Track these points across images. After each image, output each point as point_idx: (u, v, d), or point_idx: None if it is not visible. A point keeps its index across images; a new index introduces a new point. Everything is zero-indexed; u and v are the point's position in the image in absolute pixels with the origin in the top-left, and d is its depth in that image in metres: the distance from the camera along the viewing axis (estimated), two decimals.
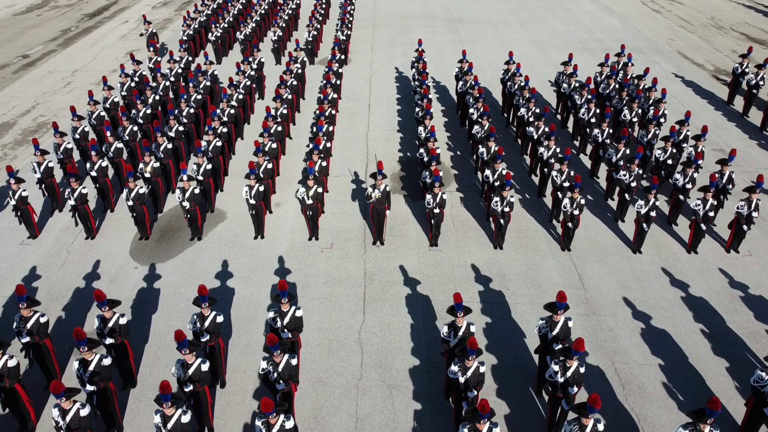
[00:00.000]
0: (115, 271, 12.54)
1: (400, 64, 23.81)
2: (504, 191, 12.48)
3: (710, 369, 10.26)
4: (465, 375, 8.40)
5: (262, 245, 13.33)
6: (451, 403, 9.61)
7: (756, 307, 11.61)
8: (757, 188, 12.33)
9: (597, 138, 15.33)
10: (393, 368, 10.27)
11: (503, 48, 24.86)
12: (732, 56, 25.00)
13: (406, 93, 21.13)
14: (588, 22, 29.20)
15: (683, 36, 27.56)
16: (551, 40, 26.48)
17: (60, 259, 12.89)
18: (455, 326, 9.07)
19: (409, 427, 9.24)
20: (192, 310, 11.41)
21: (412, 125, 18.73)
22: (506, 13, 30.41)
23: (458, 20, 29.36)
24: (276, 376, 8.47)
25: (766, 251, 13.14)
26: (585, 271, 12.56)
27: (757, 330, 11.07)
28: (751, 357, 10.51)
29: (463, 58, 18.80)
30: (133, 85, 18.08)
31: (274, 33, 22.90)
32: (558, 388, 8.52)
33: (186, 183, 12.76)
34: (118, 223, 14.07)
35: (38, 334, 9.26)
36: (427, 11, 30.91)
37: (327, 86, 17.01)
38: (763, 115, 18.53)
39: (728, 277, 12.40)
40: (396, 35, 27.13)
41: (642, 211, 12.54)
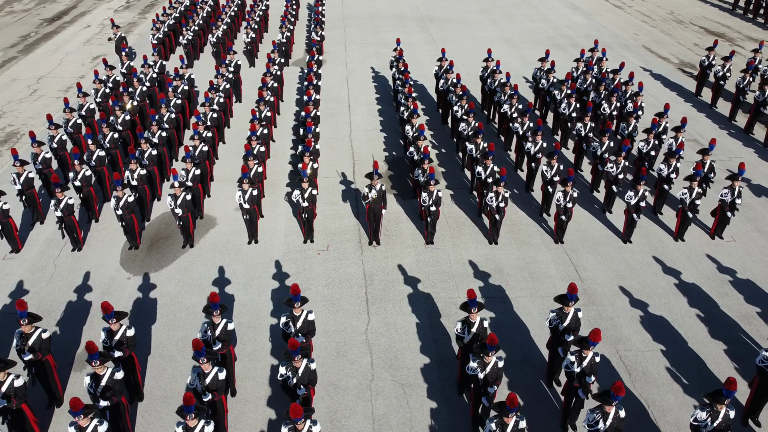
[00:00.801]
0: (107, 283, 12.18)
1: (375, 63, 23.80)
2: (499, 187, 12.62)
3: (709, 352, 10.60)
4: (484, 371, 8.46)
5: (257, 250, 13.15)
6: (465, 399, 9.68)
7: (745, 290, 12.04)
8: (739, 176, 12.77)
9: (580, 132, 15.65)
10: (404, 367, 10.27)
11: (476, 46, 25.12)
12: (694, 49, 25.84)
13: (384, 93, 21.14)
14: (555, 18, 29.75)
15: (646, 31, 28.34)
16: (522, 37, 26.88)
17: (47, 273, 12.45)
18: (469, 322, 9.13)
19: (427, 425, 9.26)
20: (192, 318, 11.21)
21: (394, 125, 18.76)
22: (476, 12, 30.72)
23: (428, 19, 29.52)
24: (296, 381, 8.37)
25: (747, 236, 13.63)
26: (580, 262, 12.81)
27: (748, 312, 11.48)
28: (746, 339, 10.90)
29: (442, 57, 18.93)
30: (108, 91, 17.59)
31: (247, 35, 22.60)
32: (574, 378, 8.66)
33: (177, 189, 12.49)
34: (105, 234, 13.68)
35: (41, 350, 8.94)
36: (396, 11, 30.98)
37: (310, 87, 16.88)
38: (731, 105, 19.21)
39: (716, 263, 12.83)
40: (368, 35, 27.11)
41: (632, 202, 12.86)
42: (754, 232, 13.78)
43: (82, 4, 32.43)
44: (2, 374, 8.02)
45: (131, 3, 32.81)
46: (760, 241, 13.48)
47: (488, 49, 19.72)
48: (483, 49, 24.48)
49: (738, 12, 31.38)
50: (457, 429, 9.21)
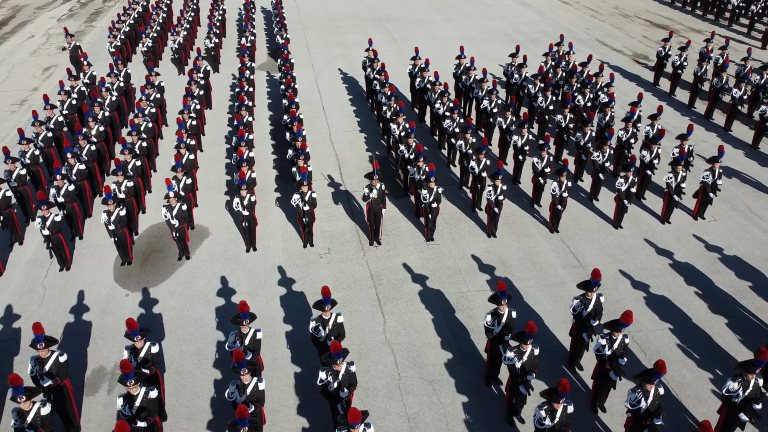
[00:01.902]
0: (105, 301, 11.63)
1: (342, 65, 23.69)
2: (496, 180, 12.81)
3: (713, 327, 11.10)
4: (521, 360, 8.57)
5: (257, 258, 12.86)
6: (494, 391, 9.77)
7: (734, 266, 12.68)
8: (719, 158, 13.43)
9: (560, 124, 16.07)
10: (428, 364, 10.28)
11: (437, 45, 25.37)
12: (644, 41, 27.00)
13: (356, 93, 21.07)
14: (509, 16, 30.44)
15: (596, 25, 29.40)
16: (481, 34, 27.36)
17: (37, 296, 11.77)
18: (498, 314, 9.22)
19: (462, 420, 9.30)
20: (202, 331, 10.87)
21: (372, 125, 18.74)
22: (431, 11, 31.04)
23: (386, 19, 29.62)
24: (337, 385, 8.24)
25: (726, 215, 14.35)
26: (577, 249, 13.16)
27: (741, 287, 12.09)
28: (744, 312, 11.47)
29: (416, 55, 19.06)
30: (75, 102, 16.80)
31: (210, 40, 22.05)
32: (605, 360, 8.89)
33: (173, 200, 12.07)
34: (92, 251, 13.06)
35: (59, 375, 8.45)
36: (352, 12, 30.93)
37: (289, 90, 16.64)
38: (690, 93, 20.19)
39: (703, 242, 13.45)
40: (329, 36, 26.95)
41: (623, 189, 13.31)
42: (731, 211, 14.51)
43: (21, 14, 30.82)
44: (28, 403, 7.54)
45: (74, 11, 31.44)
46: (739, 219, 14.22)
47: (461, 46, 19.97)
48: (444, 47, 24.86)
49: (677, 5, 33.00)
50: (492, 420, 9.29)
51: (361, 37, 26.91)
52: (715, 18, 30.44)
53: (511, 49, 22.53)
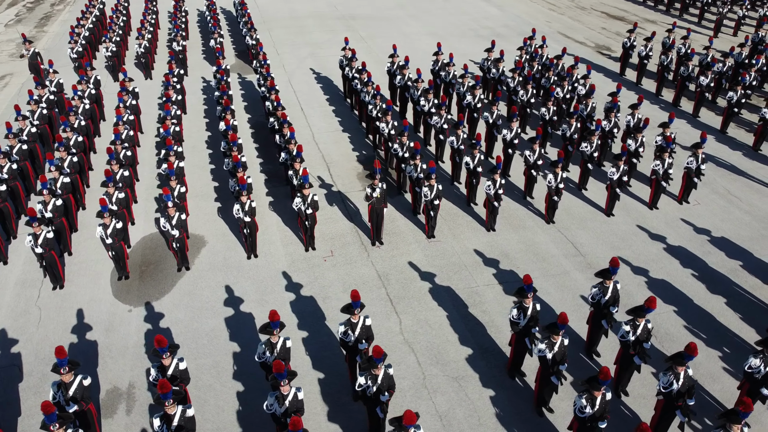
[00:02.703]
0: (108, 319, 11.18)
1: (313, 65, 23.45)
2: (495, 174, 12.95)
3: (714, 306, 11.55)
4: (552, 351, 8.71)
5: (260, 264, 12.61)
6: (519, 383, 9.90)
7: (724, 247, 13.23)
8: (702, 144, 13.97)
9: (545, 116, 16.37)
10: (450, 361, 10.32)
11: (406, 41, 25.37)
12: (603, 33, 27.78)
13: (333, 93, 20.90)
14: (472, 11, 30.77)
15: (556, 18, 30.07)
16: (447, 30, 27.56)
17: (32, 318, 11.21)
18: (523, 307, 9.34)
19: (493, 413, 9.39)
20: (215, 343, 10.59)
21: (354, 124, 18.64)
22: (394, 8, 31.07)
23: (350, 17, 29.46)
24: (376, 389, 8.18)
25: (708, 199, 14.95)
26: (575, 239, 13.45)
27: (733, 267, 12.63)
28: (739, 290, 11.99)
29: (394, 53, 19.04)
30: (45, 112, 16.05)
31: (178, 43, 21.43)
32: (629, 346, 9.14)
33: (171, 210, 11.70)
34: (84, 267, 12.52)
35: (84, 399, 8.08)
36: (315, 11, 30.63)
37: (273, 92, 16.36)
38: (657, 82, 20.91)
39: (691, 225, 13.97)
40: (296, 37, 26.61)
41: (614, 178, 13.67)
42: (712, 194, 15.12)
43: None
44: (60, 431, 7.17)
45: (22, 16, 29.99)
46: (720, 202, 14.84)
47: (438, 42, 20.05)
48: (413, 44, 24.91)
49: None
50: (522, 412, 9.41)
51: (328, 36, 26.71)
52: (666, 9, 31.59)
53: (477, 43, 22.82)
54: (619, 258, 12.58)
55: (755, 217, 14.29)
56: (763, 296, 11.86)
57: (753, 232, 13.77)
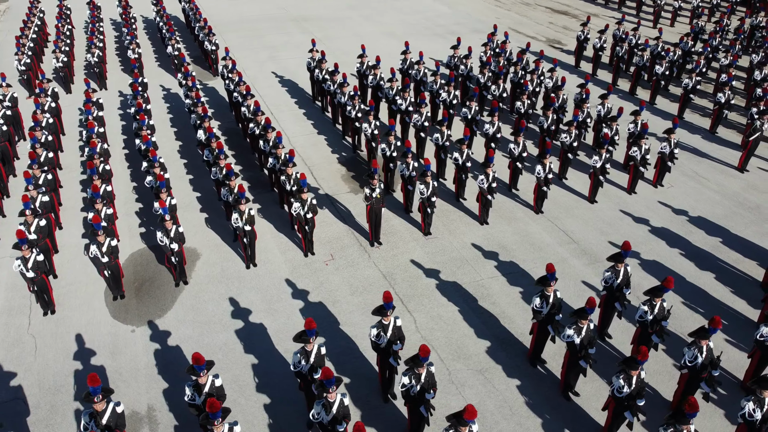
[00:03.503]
0: (111, 341, 10.65)
1: (274, 68, 23.07)
2: (488, 168, 13.17)
3: (705, 283, 12.18)
4: (580, 335, 8.96)
5: (261, 273, 12.34)
6: (540, 369, 10.12)
7: (702, 225, 13.96)
8: (674, 129, 14.68)
9: (520, 110, 16.77)
10: (471, 355, 10.43)
11: (364, 42, 25.26)
12: (552, 27, 28.69)
13: (300, 96, 20.65)
14: (423, 10, 31.08)
15: (504, 14, 30.80)
16: (401, 29, 27.72)
17: (27, 347, 10.54)
18: (545, 295, 9.55)
19: (522, 402, 9.56)
20: (231, 356, 10.32)
21: (328, 126, 18.49)
22: (344, 9, 30.97)
23: (302, 19, 29.16)
24: (420, 388, 8.18)
25: (679, 181, 15.72)
26: (565, 227, 13.86)
27: (715, 244, 13.35)
28: (724, 265, 12.69)
29: (363, 53, 19.01)
30: (5, 128, 15.11)
31: (133, 51, 20.62)
32: (647, 326, 9.51)
33: (168, 222, 11.27)
34: (73, 289, 11.89)
35: (118, 427, 7.69)
36: (265, 13, 30.13)
37: (249, 97, 16.02)
38: (612, 73, 21.79)
39: (669, 207, 14.66)
40: (251, 40, 26.09)
41: (597, 165, 14.18)
42: (682, 177, 15.92)
43: None
44: None
45: None
46: (691, 184, 15.64)
47: (406, 41, 20.12)
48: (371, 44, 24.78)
49: None
50: (550, 398, 9.63)
51: (284, 38, 26.36)
52: (605, 2, 32.93)
53: (434, 41, 23.01)
54: (609, 243, 13.17)
55: (725, 195, 15.15)
56: (746, 269, 12.59)
57: (725, 209, 14.58)
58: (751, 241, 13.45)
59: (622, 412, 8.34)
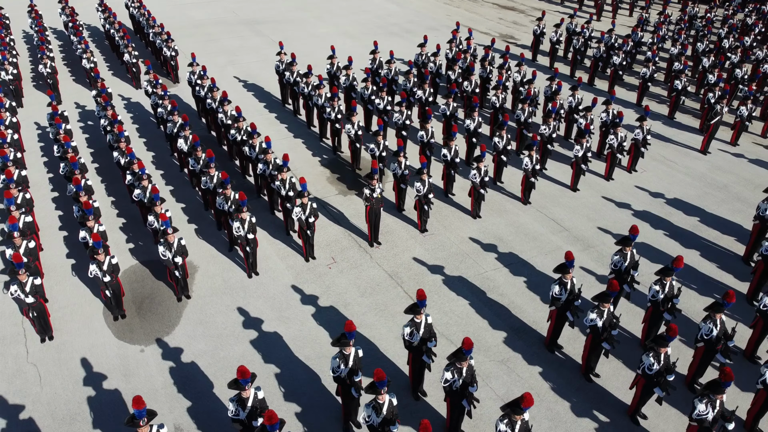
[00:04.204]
0: (120, 363, 10.20)
1: (236, 73, 22.58)
2: (480, 162, 13.41)
3: (693, 260, 12.84)
4: (602, 318, 9.30)
5: (264, 282, 12.11)
6: (558, 354, 10.43)
7: (679, 206, 14.72)
8: (646, 116, 15.38)
9: (495, 104, 17.14)
10: (490, 346, 10.62)
11: (321, 42, 25.11)
12: (502, 23, 29.40)
13: (268, 100, 20.33)
14: (373, 9, 31.16)
15: (454, 11, 31.31)
16: (357, 29, 27.72)
17: (30, 376, 9.95)
18: (564, 282, 9.84)
19: (548, 387, 9.82)
20: (252, 368, 10.04)
21: (302, 129, 18.31)
22: (294, 10, 30.64)
23: (254, 22, 28.66)
24: (462, 381, 8.28)
25: (650, 166, 16.49)
26: (555, 216, 14.29)
27: (694, 223, 14.11)
28: (707, 242, 13.43)
29: (332, 54, 18.93)
30: None
31: (88, 60, 19.71)
32: (659, 304, 9.97)
33: (170, 236, 10.90)
34: (68, 312, 11.30)
35: None
36: (215, 17, 29.42)
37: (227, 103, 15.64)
38: (570, 65, 22.57)
39: (646, 191, 15.37)
40: (206, 45, 25.40)
41: (579, 155, 14.69)
42: (652, 161, 16.70)
43: None
44: None
45: None
46: (661, 167, 16.44)
47: (374, 41, 20.12)
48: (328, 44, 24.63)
49: None
50: (572, 381, 9.94)
51: (239, 42, 25.85)
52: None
53: (391, 40, 23.18)
54: (598, 228, 13.68)
55: (694, 177, 16.02)
56: (726, 245, 13.38)
57: (697, 190, 15.42)
58: (726, 218, 14.28)
59: (651, 389, 8.70)
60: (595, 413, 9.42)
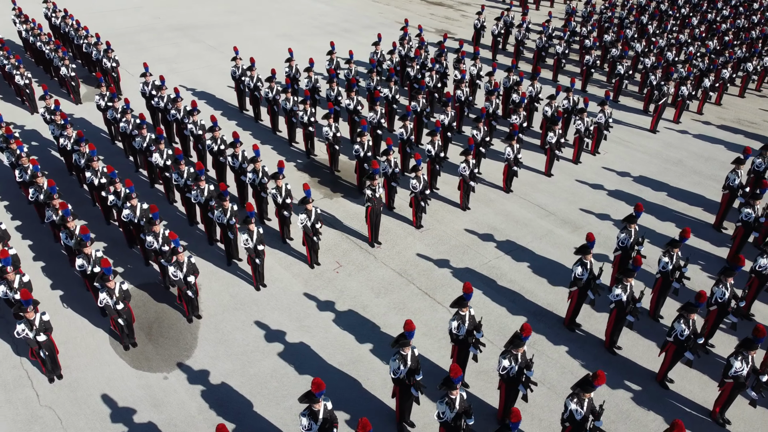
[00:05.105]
0: (146, 393, 9.64)
1: (181, 81, 21.62)
2: (468, 156, 13.72)
3: (673, 232, 13.74)
4: (626, 292, 9.85)
5: (274, 293, 11.81)
6: (578, 332, 10.92)
7: (646, 183, 15.75)
8: (607, 101, 16.31)
9: (461, 98, 17.54)
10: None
11: (261, 46, 24.59)
12: (434, 18, 29.98)
13: (223, 107, 19.68)
14: (305, 10, 30.81)
15: (384, 9, 31.57)
16: (295, 30, 27.34)
17: (48, 422, 9.18)
18: (584, 263, 10.31)
19: (578, 365, 10.27)
20: (287, 379, 9.82)
21: (267, 133, 17.91)
22: (225, 14, 29.74)
23: (185, 28, 27.55)
24: (518, 368, 8.51)
25: (609, 147, 17.47)
26: (537, 201, 14.87)
27: (663, 197, 15.14)
28: (678, 214, 14.44)
29: (290, 57, 18.65)
30: None
31: (22, 76, 18.25)
32: (669, 275, 10.67)
33: (181, 255, 10.40)
34: (71, 346, 10.49)
35: None
36: (140, 24, 27.98)
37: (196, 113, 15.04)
38: (513, 57, 23.43)
39: (613, 171, 16.30)
40: (140, 54, 24.10)
41: (553, 141, 15.36)
42: (610, 143, 17.69)
43: None
44: None
45: None
46: (620, 148, 17.49)
47: (331, 42, 19.95)
48: (269, 47, 24.24)
49: None
50: (599, 355, 10.45)
51: (174, 49, 24.81)
52: None
53: (329, 40, 23.01)
54: (581, 210, 14.38)
55: (651, 155, 17.16)
56: (696, 215, 14.47)
57: (657, 167, 16.54)
58: (689, 190, 15.43)
59: (682, 353, 9.32)
60: (626, 383, 9.96)
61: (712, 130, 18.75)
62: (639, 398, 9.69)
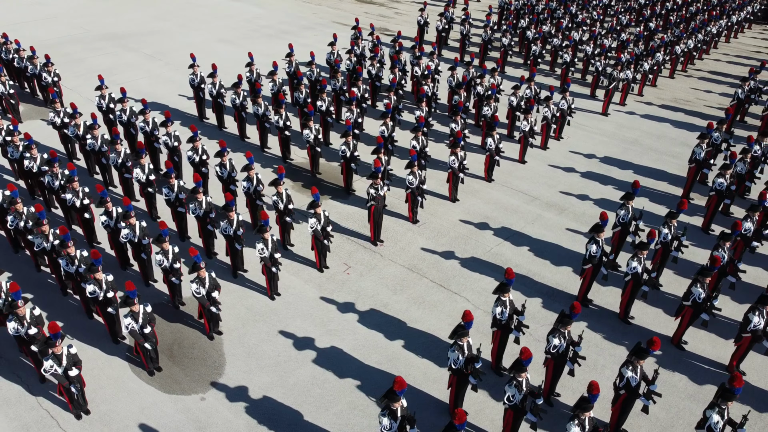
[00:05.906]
0: (187, 417, 9.24)
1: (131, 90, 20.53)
2: (457, 148, 14.06)
3: (649, 207, 14.70)
4: (641, 264, 10.50)
5: (291, 300, 11.62)
6: (592, 307, 11.52)
7: (613, 163, 16.72)
8: (567, 88, 17.14)
9: (428, 93, 17.87)
10: (534, 313, 11.36)
11: (203, 51, 23.65)
12: (370, 17, 30.14)
13: (180, 116, 18.88)
14: (237, 13, 30.05)
15: (317, 9, 31.38)
16: (231, 34, 26.65)
17: None
18: (597, 241, 10.88)
19: (601, 337, 10.86)
20: (325, 387, 9.78)
21: (237, 141, 17.43)
22: (153, 21, 28.46)
23: (116, 37, 26.13)
24: (566, 344, 8.91)
25: (570, 132, 18.36)
26: (519, 187, 15.45)
27: (631, 175, 16.07)
28: (650, 189, 15.45)
29: (251, 61, 18.29)
30: None
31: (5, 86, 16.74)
32: (668, 244, 11.46)
33: (203, 271, 10.03)
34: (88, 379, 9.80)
35: None
36: (64, 35, 26.24)
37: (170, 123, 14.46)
38: (459, 51, 24.04)
39: (580, 154, 17.18)
40: (73, 67, 22.67)
41: (526, 129, 16.00)
42: (569, 129, 18.58)
43: None
44: None
45: None
46: (581, 133, 18.45)
47: (289, 44, 19.62)
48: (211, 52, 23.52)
49: None
50: (616, 327, 11.08)
51: (111, 59, 23.54)
52: None
53: (272, 43, 22.82)
54: (561, 193, 15.09)
55: (608, 136, 18.23)
56: (664, 189, 15.54)
57: (617, 147, 17.60)
58: (651, 167, 16.54)
59: (699, 315, 10.06)
60: None
61: (656, 110, 20.14)
62: (662, 361, 10.36)
